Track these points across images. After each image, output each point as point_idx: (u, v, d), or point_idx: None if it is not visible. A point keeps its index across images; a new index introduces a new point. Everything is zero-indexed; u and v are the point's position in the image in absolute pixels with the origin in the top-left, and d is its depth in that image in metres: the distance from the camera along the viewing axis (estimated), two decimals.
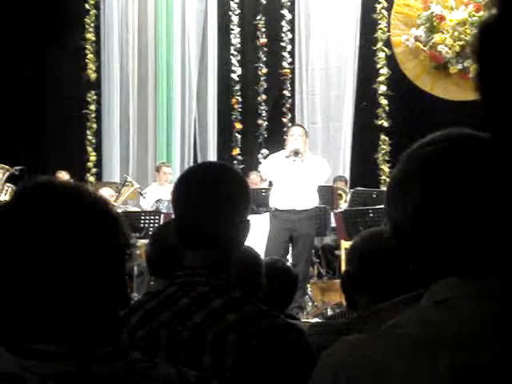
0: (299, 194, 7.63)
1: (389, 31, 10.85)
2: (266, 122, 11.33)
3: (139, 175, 11.22)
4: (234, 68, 11.43)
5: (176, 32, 11.65)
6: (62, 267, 1.23)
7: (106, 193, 9.18)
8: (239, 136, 11.43)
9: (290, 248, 7.80)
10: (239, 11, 11.48)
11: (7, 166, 9.42)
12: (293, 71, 11.31)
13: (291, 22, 11.28)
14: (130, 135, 11.68)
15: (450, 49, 10.15)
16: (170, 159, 11.29)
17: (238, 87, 11.47)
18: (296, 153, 7.65)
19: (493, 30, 0.80)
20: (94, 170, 11.46)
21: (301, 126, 8.55)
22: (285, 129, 10.98)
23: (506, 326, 0.79)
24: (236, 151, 11.33)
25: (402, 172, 1.05)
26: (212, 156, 11.37)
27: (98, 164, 11.52)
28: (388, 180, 1.13)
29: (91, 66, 11.60)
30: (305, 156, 7.73)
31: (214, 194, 1.84)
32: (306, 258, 7.79)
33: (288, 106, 11.29)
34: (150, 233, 7.12)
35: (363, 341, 0.90)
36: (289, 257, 7.78)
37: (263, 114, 11.34)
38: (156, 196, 9.39)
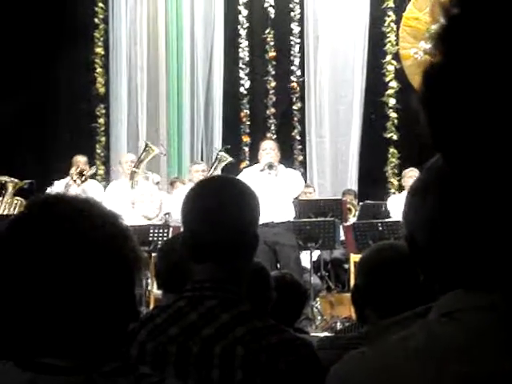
0: (276, 206, 7.60)
1: (397, 44, 10.87)
2: (275, 136, 11.32)
3: None
4: (242, 81, 11.45)
5: (185, 46, 11.67)
6: (71, 281, 1.23)
7: (128, 158, 9.49)
8: (247, 149, 11.42)
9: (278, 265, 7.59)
10: (248, 25, 11.51)
11: (16, 180, 9.44)
12: (301, 85, 11.32)
13: (300, 36, 11.30)
14: (138, 149, 11.67)
15: None
16: (180, 173, 11.29)
17: (246, 100, 11.48)
18: (270, 166, 7.77)
19: (439, 77, 0.78)
20: (103, 184, 11.45)
21: (272, 139, 8.63)
22: (292, 142, 11.01)
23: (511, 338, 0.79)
24: (244, 164, 11.30)
25: (420, 182, 1.06)
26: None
27: (107, 177, 11.52)
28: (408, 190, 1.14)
29: (100, 79, 11.63)
30: (278, 169, 7.82)
31: (225, 207, 1.83)
32: (297, 269, 7.41)
33: (296, 119, 11.29)
34: (159, 246, 7.10)
35: (370, 354, 0.89)
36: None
37: (272, 128, 11.33)
38: (167, 208, 9.36)
